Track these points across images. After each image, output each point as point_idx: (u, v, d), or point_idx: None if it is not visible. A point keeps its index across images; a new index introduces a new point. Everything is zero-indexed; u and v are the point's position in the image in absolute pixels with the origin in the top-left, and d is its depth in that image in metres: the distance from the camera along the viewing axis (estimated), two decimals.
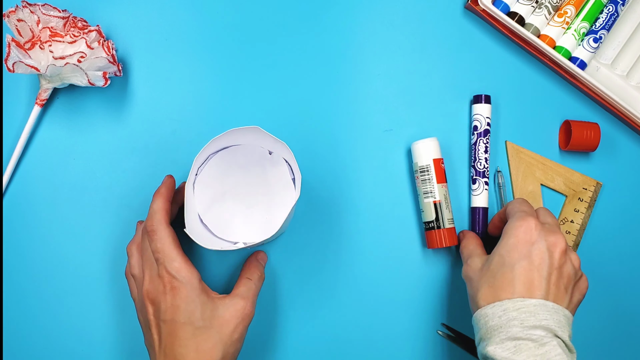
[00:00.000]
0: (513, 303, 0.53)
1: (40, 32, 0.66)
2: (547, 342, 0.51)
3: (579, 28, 0.75)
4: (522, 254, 0.55)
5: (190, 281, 0.59)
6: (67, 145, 0.72)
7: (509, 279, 0.54)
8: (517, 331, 0.51)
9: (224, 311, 0.60)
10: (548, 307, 0.53)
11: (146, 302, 0.59)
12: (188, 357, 0.57)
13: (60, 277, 0.70)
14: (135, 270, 0.63)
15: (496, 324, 0.52)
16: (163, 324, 0.58)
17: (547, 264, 0.55)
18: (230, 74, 0.74)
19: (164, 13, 0.74)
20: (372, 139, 0.74)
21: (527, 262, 0.55)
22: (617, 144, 0.77)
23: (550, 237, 0.56)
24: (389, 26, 0.76)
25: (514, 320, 0.52)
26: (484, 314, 0.54)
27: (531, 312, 0.52)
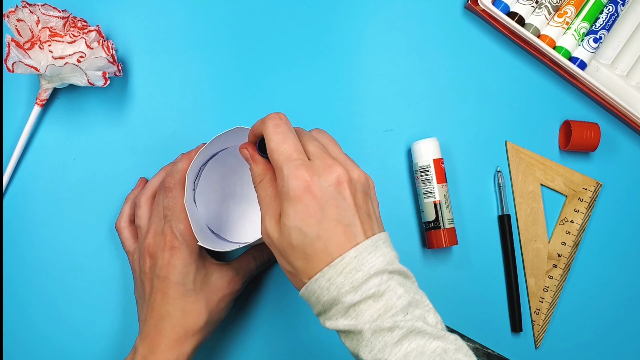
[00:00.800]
0: (334, 268, 0.47)
1: (40, 32, 0.65)
2: (384, 290, 0.47)
3: (579, 28, 0.75)
4: (317, 216, 0.48)
5: (191, 245, 0.61)
6: (67, 145, 0.72)
7: (321, 247, 0.48)
8: (351, 297, 0.46)
9: (216, 280, 0.63)
10: (367, 247, 0.48)
11: (145, 254, 0.62)
12: (173, 316, 0.60)
13: (60, 277, 0.70)
14: (142, 222, 0.65)
15: (328, 298, 0.47)
16: (157, 278, 0.61)
17: (345, 208, 0.49)
18: (230, 74, 0.74)
19: (164, 13, 0.74)
20: (372, 139, 0.74)
21: (327, 222, 0.48)
22: (617, 144, 0.77)
23: (328, 176, 0.49)
24: (389, 26, 0.76)
25: (345, 287, 0.46)
26: (311, 290, 0.48)
27: (355, 268, 0.47)
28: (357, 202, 0.49)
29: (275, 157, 0.50)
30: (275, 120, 0.51)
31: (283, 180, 0.49)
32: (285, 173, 0.49)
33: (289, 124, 0.52)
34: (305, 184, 0.48)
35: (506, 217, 0.74)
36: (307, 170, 0.48)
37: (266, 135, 0.51)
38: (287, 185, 0.48)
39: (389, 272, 0.48)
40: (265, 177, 0.53)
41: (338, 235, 0.48)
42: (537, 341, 0.74)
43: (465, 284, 0.74)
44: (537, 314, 0.74)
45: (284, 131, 0.51)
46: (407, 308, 0.47)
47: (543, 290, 0.74)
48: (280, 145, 0.50)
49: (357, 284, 0.46)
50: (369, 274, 0.47)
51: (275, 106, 0.74)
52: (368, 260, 0.47)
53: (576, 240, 0.75)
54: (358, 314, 0.47)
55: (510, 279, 0.73)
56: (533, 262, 0.75)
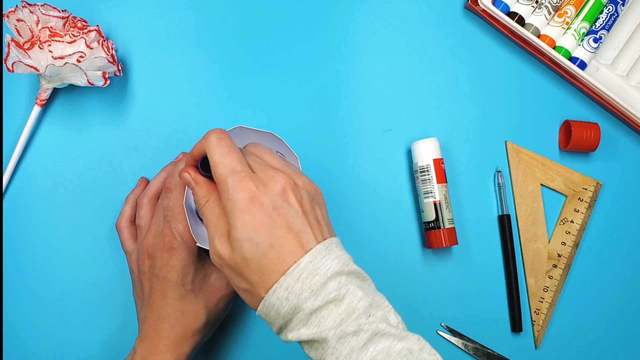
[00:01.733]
0: (290, 276, 0.47)
1: (40, 32, 0.65)
2: (344, 294, 0.47)
3: (579, 28, 0.75)
4: (267, 225, 0.47)
5: (189, 246, 0.61)
6: (67, 145, 0.72)
7: (275, 257, 0.47)
8: (312, 303, 0.46)
9: (215, 280, 0.63)
10: (321, 251, 0.48)
11: (144, 255, 0.63)
12: (172, 316, 0.60)
13: (61, 277, 0.70)
14: (143, 222, 0.65)
15: (288, 308, 0.47)
16: (156, 279, 0.61)
17: (293, 215, 0.48)
18: (230, 74, 0.74)
19: (164, 13, 0.74)
20: (372, 139, 0.74)
21: (277, 230, 0.48)
22: (617, 144, 0.78)
23: (273, 186, 0.49)
24: (388, 26, 0.76)
25: (304, 293, 0.46)
26: (269, 304, 0.47)
27: (312, 272, 0.47)
28: (304, 209, 0.49)
29: (220, 171, 0.50)
30: (218, 134, 0.52)
31: (228, 193, 0.48)
32: (230, 185, 0.49)
33: (231, 139, 0.52)
34: (251, 194, 0.48)
35: (506, 217, 0.74)
36: (251, 180, 0.49)
37: (209, 150, 0.51)
38: (233, 198, 0.48)
39: (345, 273, 0.48)
40: (210, 198, 0.52)
41: (290, 242, 0.47)
42: (537, 341, 0.74)
43: (465, 284, 0.74)
44: (537, 314, 0.74)
45: (227, 144, 0.51)
46: (369, 310, 0.47)
47: (543, 290, 0.74)
48: (224, 158, 0.50)
49: (315, 288, 0.46)
50: (326, 276, 0.47)
51: (275, 106, 0.74)
52: (324, 264, 0.47)
53: (576, 240, 0.75)
54: (320, 320, 0.46)
55: (510, 279, 0.73)
56: (533, 262, 0.75)
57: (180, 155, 0.70)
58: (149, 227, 0.64)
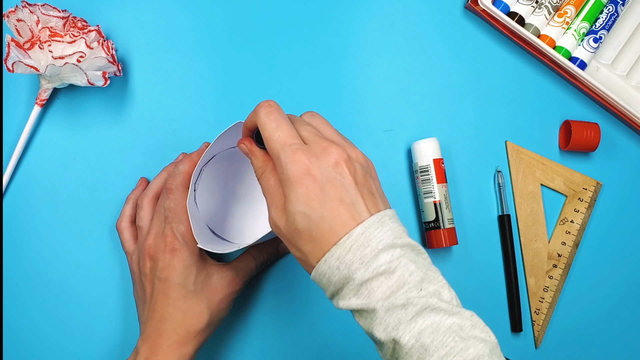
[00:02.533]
0: (342, 247, 0.47)
1: (40, 32, 0.65)
2: (395, 267, 0.46)
3: (579, 28, 0.75)
4: (319, 198, 0.48)
5: (191, 247, 0.62)
6: (67, 145, 0.72)
7: (327, 228, 0.47)
8: (362, 274, 0.46)
9: (216, 281, 0.64)
10: (373, 224, 0.48)
11: (145, 256, 0.63)
12: (175, 317, 0.60)
13: (61, 277, 0.70)
14: (143, 223, 0.66)
15: (339, 277, 0.47)
16: (157, 280, 0.61)
17: (346, 187, 0.48)
18: (230, 74, 0.74)
19: (164, 13, 0.74)
20: (372, 139, 0.75)
21: (329, 203, 0.48)
22: (617, 144, 0.78)
23: (326, 157, 0.49)
24: (389, 26, 0.76)
25: (354, 264, 0.46)
26: (321, 272, 0.48)
27: (364, 243, 0.47)
28: (357, 181, 0.49)
29: (271, 145, 0.50)
30: (266, 108, 0.51)
31: (282, 167, 0.49)
32: (283, 159, 0.48)
33: (281, 110, 0.52)
34: (304, 167, 0.48)
35: (506, 217, 0.74)
36: (304, 153, 0.48)
37: (260, 125, 0.51)
38: (287, 172, 0.48)
39: (398, 246, 0.47)
40: (266, 169, 0.52)
41: (342, 214, 0.47)
42: (537, 341, 0.74)
43: (465, 284, 0.74)
44: (537, 314, 0.74)
45: (276, 118, 0.51)
46: (421, 284, 0.46)
47: (543, 290, 0.74)
48: (274, 132, 0.50)
49: (366, 259, 0.46)
50: (378, 249, 0.46)
51: None
52: (375, 236, 0.47)
53: (576, 240, 0.75)
54: (370, 291, 0.46)
55: (510, 279, 0.73)
56: (533, 262, 0.75)
57: (180, 156, 0.70)
58: (150, 227, 0.64)
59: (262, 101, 0.52)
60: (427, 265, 0.48)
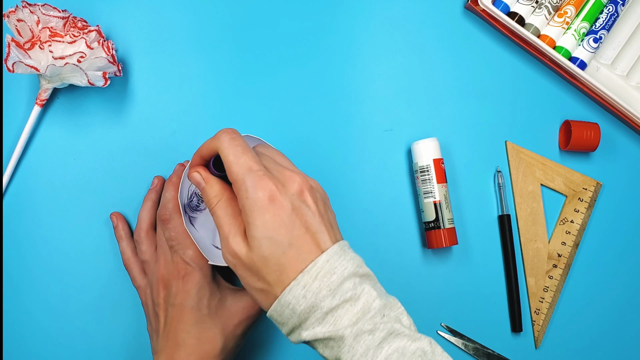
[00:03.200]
0: (308, 274, 0.47)
1: (40, 32, 0.66)
2: (360, 293, 0.47)
3: (579, 28, 0.75)
4: (286, 225, 0.48)
5: (203, 268, 0.61)
6: (67, 145, 0.72)
7: (294, 256, 0.47)
8: (329, 301, 0.46)
9: (231, 304, 0.62)
10: (337, 252, 0.48)
11: (159, 286, 0.62)
12: (188, 343, 0.59)
13: (61, 276, 0.70)
14: (147, 256, 0.65)
15: (305, 307, 0.47)
16: (171, 307, 0.60)
17: (311, 216, 0.49)
18: (230, 74, 0.74)
19: (164, 13, 0.74)
20: (372, 139, 0.75)
21: (297, 230, 0.48)
22: (617, 144, 0.78)
23: (291, 186, 0.50)
24: (388, 26, 0.76)
25: (322, 291, 0.46)
26: (284, 303, 0.47)
27: (329, 271, 0.47)
28: (320, 210, 0.50)
29: (236, 170, 0.49)
30: (230, 134, 0.51)
31: (247, 192, 0.48)
32: (249, 184, 0.48)
33: (243, 139, 0.52)
34: (271, 193, 0.48)
35: (506, 217, 0.74)
36: (270, 180, 0.49)
37: (222, 150, 0.51)
38: (253, 196, 0.48)
39: (359, 275, 0.48)
40: (222, 197, 0.52)
41: (308, 242, 0.48)
42: (537, 341, 0.74)
43: (465, 284, 0.74)
44: (537, 314, 0.74)
45: (241, 144, 0.51)
46: (383, 310, 0.47)
47: (543, 290, 0.74)
48: (239, 157, 0.50)
49: (333, 287, 0.47)
50: (343, 276, 0.47)
51: (275, 106, 0.74)
52: (340, 264, 0.48)
53: (576, 240, 0.75)
54: (337, 319, 0.46)
55: (510, 279, 0.74)
56: (533, 262, 0.75)
57: (155, 180, 0.70)
58: (157, 258, 0.64)
59: (223, 129, 0.52)
60: (385, 292, 0.50)
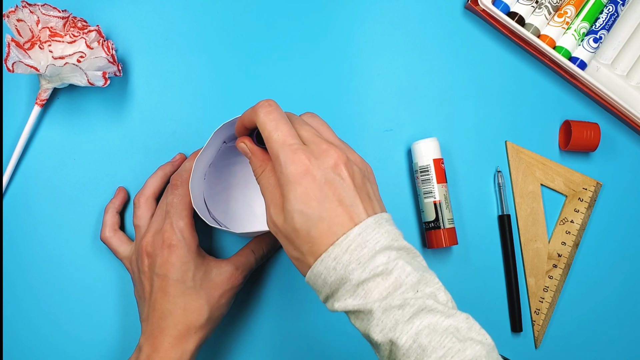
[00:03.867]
0: (339, 247, 0.47)
1: (40, 32, 0.66)
2: (392, 268, 0.47)
3: (579, 28, 0.75)
4: (318, 198, 0.48)
5: (189, 243, 0.63)
6: (67, 145, 0.72)
7: (325, 228, 0.48)
8: (359, 274, 0.47)
9: (216, 276, 0.64)
10: (370, 225, 0.48)
11: (143, 254, 0.63)
12: (175, 314, 0.61)
13: (60, 277, 0.71)
14: (141, 221, 0.66)
15: (336, 278, 0.47)
16: (156, 277, 0.62)
17: (345, 189, 0.49)
18: (230, 74, 0.74)
19: (164, 13, 0.74)
20: (372, 139, 0.75)
21: (328, 203, 0.48)
22: (617, 144, 0.78)
23: (325, 159, 0.50)
24: (388, 26, 0.77)
25: (351, 264, 0.47)
26: (317, 272, 0.48)
27: (361, 244, 0.47)
28: (355, 183, 0.50)
29: (271, 145, 0.50)
30: (266, 107, 0.52)
31: (281, 167, 0.49)
32: (282, 159, 0.49)
33: (280, 109, 0.52)
34: (303, 167, 0.48)
35: (506, 217, 0.74)
36: (304, 153, 0.49)
37: (259, 124, 0.51)
38: (286, 171, 0.49)
39: (395, 248, 0.48)
40: (266, 168, 0.53)
41: (340, 215, 0.48)
42: (537, 341, 0.74)
43: (465, 284, 0.74)
44: (537, 314, 0.74)
45: (276, 117, 0.51)
46: (417, 286, 0.47)
47: (543, 290, 0.75)
48: (273, 132, 0.50)
49: (363, 260, 0.47)
50: (375, 250, 0.47)
51: None
52: (373, 237, 0.48)
53: (576, 240, 0.75)
54: (367, 292, 0.47)
55: (510, 279, 0.74)
56: (533, 262, 0.75)
57: (177, 156, 0.71)
58: (149, 225, 0.65)
59: (262, 100, 0.52)
60: (423, 267, 0.49)
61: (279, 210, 0.50)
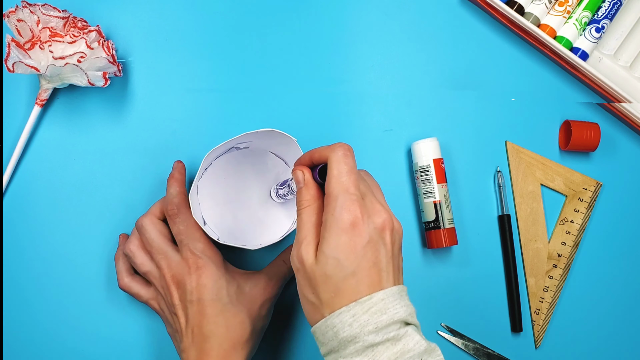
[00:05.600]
0: (361, 305, 0.50)
1: (40, 32, 0.67)
2: (402, 335, 0.50)
3: (580, 17, 0.76)
4: (358, 253, 0.50)
5: (215, 260, 0.64)
6: (67, 146, 0.73)
7: (353, 284, 0.50)
8: (373, 338, 0.49)
9: (251, 289, 0.65)
10: (394, 294, 0.51)
11: (171, 287, 0.63)
12: (218, 333, 0.61)
13: (60, 277, 0.72)
14: (147, 267, 0.65)
15: (349, 334, 0.49)
16: (190, 304, 0.62)
17: (384, 254, 0.52)
18: (230, 74, 0.76)
19: (164, 13, 0.76)
20: (372, 139, 0.76)
21: (365, 262, 0.51)
22: (617, 144, 0.79)
23: (377, 219, 0.52)
24: (383, 16, 0.78)
25: (368, 326, 0.49)
26: (330, 324, 0.50)
27: (381, 310, 0.50)
28: (394, 252, 0.53)
29: (334, 185, 0.53)
30: (345, 150, 0.54)
31: (335, 210, 0.52)
32: (339, 203, 0.52)
33: (354, 159, 0.55)
34: (355, 219, 0.51)
35: (506, 217, 0.76)
36: (360, 207, 0.52)
37: (331, 162, 0.54)
38: (338, 216, 0.51)
39: (409, 323, 0.51)
40: (313, 204, 0.55)
41: (372, 276, 0.51)
42: (537, 341, 0.75)
43: (465, 284, 0.75)
44: (537, 314, 0.75)
45: (350, 164, 0.53)
46: (422, 354, 0.50)
47: (543, 290, 0.75)
48: (342, 175, 0.53)
49: (381, 325, 0.49)
50: (393, 319, 0.50)
51: (275, 106, 0.76)
52: (394, 306, 0.51)
53: (576, 240, 0.76)
54: (375, 354, 0.49)
55: (510, 279, 0.75)
56: (533, 262, 0.76)
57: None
58: (159, 264, 0.64)
59: (341, 142, 0.55)
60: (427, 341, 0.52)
61: (311, 249, 0.53)
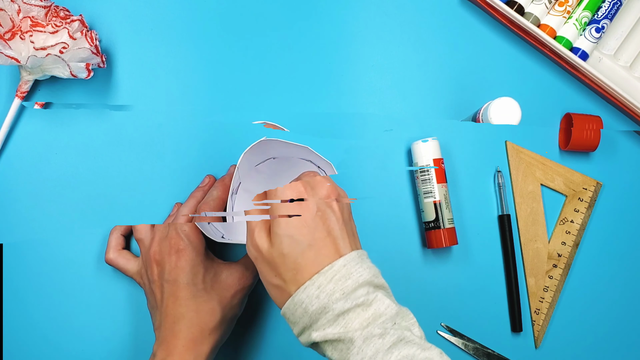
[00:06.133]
0: (324, 276, 0.51)
1: (21, 22, 0.66)
2: (372, 300, 0.51)
3: (580, 17, 0.76)
4: (309, 226, 0.52)
5: (197, 246, 0.66)
6: (49, 140, 0.73)
7: (312, 257, 0.51)
8: (342, 304, 0.50)
9: (226, 277, 0.67)
10: (354, 258, 0.52)
11: (152, 263, 0.66)
12: (187, 317, 0.63)
13: (46, 273, 0.72)
14: (142, 234, 0.69)
15: (317, 306, 0.50)
16: (166, 283, 0.65)
17: (334, 221, 0.53)
18: (219, 67, 0.75)
19: (150, 2, 0.75)
20: (372, 139, 0.76)
21: (318, 233, 0.52)
22: (617, 144, 0.80)
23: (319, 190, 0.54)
24: (383, 16, 0.78)
25: (335, 293, 0.50)
26: (298, 301, 0.51)
27: (345, 276, 0.51)
28: (344, 218, 0.55)
29: None
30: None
31: (276, 191, 0.54)
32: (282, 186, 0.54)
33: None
34: (300, 194, 0.53)
35: (506, 217, 0.76)
36: (302, 183, 0.54)
37: None
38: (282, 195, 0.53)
39: (374, 285, 0.52)
40: None
41: (328, 246, 0.52)
42: (537, 341, 0.76)
43: (465, 284, 0.76)
44: (537, 314, 0.76)
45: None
46: (395, 318, 0.51)
47: (543, 290, 0.76)
48: None
49: (347, 291, 0.50)
50: (358, 282, 0.51)
51: (267, 100, 0.75)
52: (356, 270, 0.52)
53: (576, 240, 0.77)
54: (347, 322, 0.50)
55: (510, 279, 0.76)
56: (533, 262, 0.77)
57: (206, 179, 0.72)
58: (152, 235, 0.67)
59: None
60: (398, 304, 0.53)
61: (264, 234, 0.54)
